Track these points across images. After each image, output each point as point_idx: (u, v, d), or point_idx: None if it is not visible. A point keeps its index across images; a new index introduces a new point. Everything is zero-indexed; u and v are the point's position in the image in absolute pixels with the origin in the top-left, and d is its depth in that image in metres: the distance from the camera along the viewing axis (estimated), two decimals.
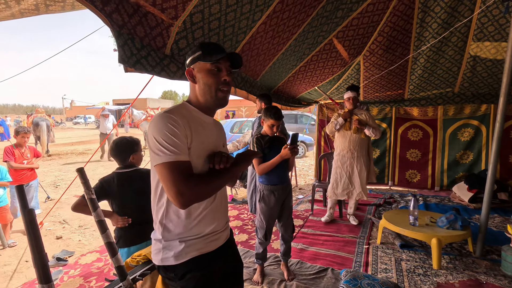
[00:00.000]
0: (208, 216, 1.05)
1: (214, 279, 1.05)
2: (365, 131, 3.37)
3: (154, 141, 0.93)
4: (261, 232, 2.29)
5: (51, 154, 9.99)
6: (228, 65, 1.06)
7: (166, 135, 0.92)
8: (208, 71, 1.03)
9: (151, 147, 0.95)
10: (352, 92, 3.41)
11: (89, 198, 1.13)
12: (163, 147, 0.91)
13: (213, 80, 1.03)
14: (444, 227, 2.56)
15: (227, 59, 1.05)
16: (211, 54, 1.01)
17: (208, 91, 1.04)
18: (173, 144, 0.91)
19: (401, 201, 4.46)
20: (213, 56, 1.01)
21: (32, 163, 3.77)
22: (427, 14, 3.17)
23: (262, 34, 2.36)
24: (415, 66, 3.95)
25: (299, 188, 5.62)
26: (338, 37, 3.30)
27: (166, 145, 0.91)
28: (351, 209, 3.68)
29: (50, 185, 5.85)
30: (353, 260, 2.68)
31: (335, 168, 3.56)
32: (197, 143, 0.99)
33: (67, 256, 2.90)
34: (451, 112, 4.80)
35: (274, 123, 2.13)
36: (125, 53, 1.50)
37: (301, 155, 9.72)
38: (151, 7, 1.56)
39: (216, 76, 1.03)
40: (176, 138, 0.92)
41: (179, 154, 0.92)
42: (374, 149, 5.30)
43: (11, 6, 1.55)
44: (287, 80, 3.89)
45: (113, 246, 1.13)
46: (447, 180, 4.91)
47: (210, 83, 1.03)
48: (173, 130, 0.92)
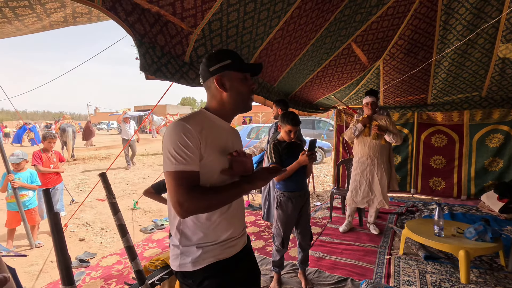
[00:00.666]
0: (225, 223, 1.04)
1: (231, 287, 1.05)
2: (385, 137, 3.25)
3: (166, 148, 0.96)
4: (278, 240, 2.26)
5: (76, 159, 10.42)
6: (249, 73, 1.11)
7: (177, 145, 0.94)
8: (240, 80, 1.07)
9: (163, 154, 0.97)
10: (371, 97, 3.29)
11: (110, 202, 1.16)
12: (172, 156, 0.94)
13: (246, 89, 1.08)
14: (473, 239, 2.41)
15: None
16: (241, 64, 1.05)
17: (241, 99, 1.08)
18: (182, 154, 0.93)
19: (424, 210, 4.27)
20: (244, 66, 1.05)
21: (58, 167, 3.94)
22: (450, 16, 3.06)
23: (279, 40, 2.37)
24: (438, 69, 3.81)
25: (317, 195, 5.52)
26: (356, 41, 3.25)
27: (175, 154, 0.93)
28: (371, 217, 3.55)
29: (75, 189, 6.09)
30: (373, 270, 2.58)
31: (354, 175, 3.44)
32: (213, 149, 1.00)
33: (89, 258, 2.99)
34: (478, 117, 4.57)
35: (291, 128, 2.11)
36: (146, 61, 1.54)
37: (319, 161, 9.57)
38: (171, 16, 1.61)
39: (247, 85, 1.08)
40: (186, 148, 0.94)
41: (186, 164, 0.93)
42: (395, 155, 5.13)
43: (42, 19, 1.64)
44: (305, 86, 3.86)
45: (132, 250, 1.15)
46: (474, 189, 4.66)
47: (244, 91, 1.08)
48: (185, 140, 0.94)
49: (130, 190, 6.00)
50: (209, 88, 1.08)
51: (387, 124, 3.28)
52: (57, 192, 3.94)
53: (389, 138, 3.24)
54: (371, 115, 3.34)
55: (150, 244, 3.28)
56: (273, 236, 2.33)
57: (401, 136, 3.33)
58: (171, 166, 0.93)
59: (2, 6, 1.46)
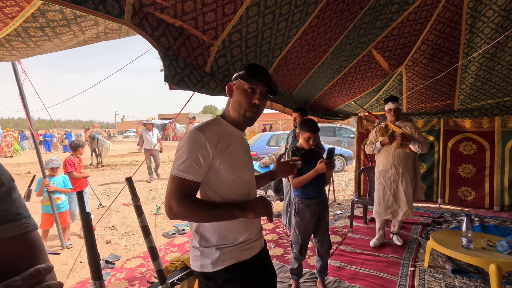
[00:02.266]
0: (241, 225, 1.09)
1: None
2: (410, 146, 3.09)
3: (178, 153, 1.03)
4: (296, 247, 2.26)
5: (104, 165, 10.94)
6: (265, 90, 1.10)
7: (188, 154, 1.00)
8: (243, 90, 1.09)
9: (175, 156, 1.04)
10: (394, 103, 3.16)
11: (135, 205, 1.24)
12: (179, 162, 1.00)
13: (245, 100, 1.08)
14: (505, 252, 2.27)
15: (264, 84, 1.10)
16: (250, 76, 1.08)
17: (238, 108, 1.10)
18: (189, 164, 0.99)
19: (452, 221, 4.06)
20: (251, 78, 1.07)
21: (85, 173, 4.17)
22: (477, 19, 2.96)
23: (298, 49, 2.41)
24: (465, 74, 3.67)
25: (338, 203, 5.42)
26: (377, 48, 3.22)
27: (182, 161, 1.00)
28: (395, 227, 3.40)
29: (102, 193, 6.39)
30: (396, 282, 2.49)
31: (378, 185, 3.28)
32: (225, 156, 1.06)
33: (115, 259, 3.12)
34: (510, 123, 4.32)
35: (310, 135, 2.13)
36: (170, 73, 1.64)
37: (340, 169, 9.40)
38: (193, 30, 1.70)
39: (249, 96, 1.09)
40: (195, 159, 1.00)
41: (189, 174, 0.99)
42: (421, 163, 4.94)
43: (78, 36, 1.79)
44: (324, 93, 3.85)
45: (154, 251, 1.21)
46: (508, 200, 4.37)
47: (242, 101, 1.09)
48: (196, 152, 1.00)
49: (153, 195, 6.21)
50: None
51: (412, 132, 3.13)
52: (84, 195, 4.15)
53: (414, 147, 3.07)
54: (394, 121, 3.22)
55: (172, 249, 3.37)
56: (291, 243, 2.33)
57: (427, 144, 3.15)
58: (176, 171, 1.00)
59: (44, 26, 1.62)
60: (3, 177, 0.53)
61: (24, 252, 0.52)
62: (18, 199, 0.55)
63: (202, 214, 1.00)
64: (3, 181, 0.53)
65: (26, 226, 0.53)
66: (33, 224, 0.55)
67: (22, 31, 1.68)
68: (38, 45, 1.88)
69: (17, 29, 1.65)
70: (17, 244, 0.51)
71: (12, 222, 0.51)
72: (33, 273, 0.46)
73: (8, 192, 0.53)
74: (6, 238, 0.50)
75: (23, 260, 0.51)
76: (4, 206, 0.51)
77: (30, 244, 0.53)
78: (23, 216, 0.54)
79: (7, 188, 0.53)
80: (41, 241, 0.57)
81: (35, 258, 0.53)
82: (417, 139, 3.09)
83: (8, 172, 0.56)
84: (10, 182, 0.55)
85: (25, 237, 0.53)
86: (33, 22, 1.59)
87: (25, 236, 0.53)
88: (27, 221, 0.54)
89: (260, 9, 1.75)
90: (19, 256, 0.51)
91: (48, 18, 1.56)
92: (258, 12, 1.76)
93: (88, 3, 1.18)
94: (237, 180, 1.09)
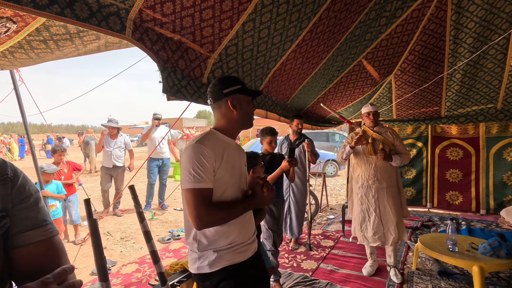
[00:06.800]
0: (236, 229, 1.17)
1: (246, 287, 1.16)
2: (391, 163, 2.68)
3: (185, 168, 1.10)
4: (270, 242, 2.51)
5: (98, 170, 10.85)
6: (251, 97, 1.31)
7: (195, 165, 1.08)
8: (248, 103, 1.24)
9: (182, 173, 1.12)
10: (373, 106, 2.84)
11: (137, 211, 1.30)
12: (190, 175, 1.08)
13: (251, 110, 1.26)
14: (487, 254, 2.39)
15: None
16: (248, 89, 1.24)
17: (248, 118, 1.26)
18: (199, 173, 1.07)
19: (441, 225, 4.20)
20: (250, 91, 1.24)
21: (71, 178, 4.03)
22: (460, 30, 3.12)
23: (292, 61, 2.51)
24: (451, 82, 3.83)
25: (330, 208, 5.52)
26: (367, 58, 3.35)
27: (194, 173, 1.07)
28: (390, 258, 2.77)
29: (96, 199, 6.37)
30: (385, 284, 2.59)
31: (360, 204, 2.77)
32: (225, 164, 1.15)
33: (111, 265, 3.15)
34: (494, 130, 4.50)
35: (271, 138, 2.46)
36: (168, 84, 1.71)
37: (332, 174, 9.53)
38: (191, 43, 1.79)
39: (252, 107, 1.27)
40: (203, 168, 1.08)
41: (203, 182, 1.07)
42: (410, 168, 5.10)
43: (79, 48, 1.86)
44: (317, 102, 3.97)
45: (156, 254, 1.28)
46: (493, 203, 4.53)
47: (249, 112, 1.26)
48: (202, 160, 1.09)
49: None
50: (220, 108, 1.23)
51: (393, 139, 2.75)
52: (70, 204, 3.96)
53: (396, 163, 2.67)
54: (373, 127, 2.83)
55: (167, 254, 3.41)
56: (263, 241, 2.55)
57: (409, 154, 2.80)
58: (191, 184, 1.07)
59: (47, 39, 1.68)
60: (31, 189, 0.61)
61: (50, 254, 0.60)
62: (43, 207, 0.62)
63: (229, 213, 1.11)
64: (31, 193, 0.61)
65: (51, 231, 0.61)
66: (56, 230, 0.63)
67: (25, 43, 1.74)
68: (40, 56, 1.94)
69: (21, 41, 1.71)
70: (45, 247, 0.59)
71: (40, 227, 0.59)
72: (61, 272, 0.53)
73: (36, 202, 0.61)
74: (35, 242, 0.58)
75: (50, 260, 0.59)
76: (33, 214, 0.59)
77: (55, 247, 0.61)
78: (48, 223, 0.62)
79: (35, 199, 0.61)
80: (63, 244, 0.65)
81: (60, 259, 0.61)
82: (400, 150, 2.73)
83: (34, 185, 0.64)
84: (37, 193, 0.63)
85: (51, 240, 0.61)
86: (36, 36, 1.65)
87: (51, 240, 0.61)
88: (51, 227, 0.62)
89: (256, 25, 1.85)
90: (47, 257, 0.59)
91: (51, 32, 1.62)
92: (253, 27, 1.86)
93: (92, 20, 1.25)
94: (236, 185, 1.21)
